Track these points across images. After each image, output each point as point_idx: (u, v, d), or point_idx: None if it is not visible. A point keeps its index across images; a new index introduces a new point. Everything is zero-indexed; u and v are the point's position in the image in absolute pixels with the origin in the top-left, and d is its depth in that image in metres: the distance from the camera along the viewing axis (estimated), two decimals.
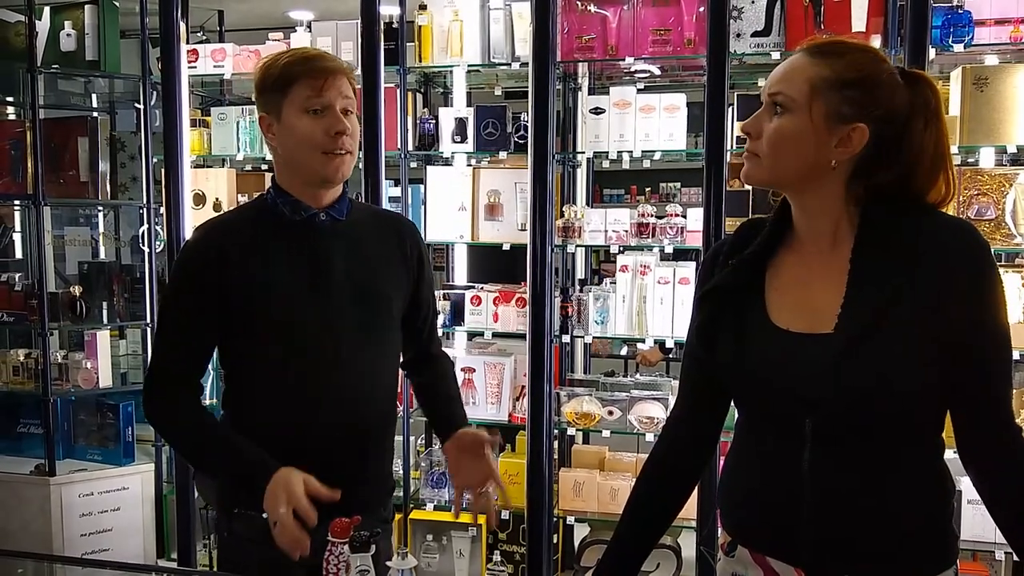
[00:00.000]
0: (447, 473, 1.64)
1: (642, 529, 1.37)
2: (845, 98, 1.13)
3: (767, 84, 1.19)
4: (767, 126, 1.17)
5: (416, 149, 3.09)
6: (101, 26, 3.44)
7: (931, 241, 1.13)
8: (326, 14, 3.35)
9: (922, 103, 1.16)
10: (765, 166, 1.18)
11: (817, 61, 1.15)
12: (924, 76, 1.19)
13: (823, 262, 1.21)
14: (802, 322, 1.20)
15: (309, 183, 1.55)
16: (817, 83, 1.14)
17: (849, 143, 1.15)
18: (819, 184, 1.18)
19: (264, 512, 1.44)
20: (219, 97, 3.67)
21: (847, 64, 1.14)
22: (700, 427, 1.37)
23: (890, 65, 1.18)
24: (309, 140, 1.50)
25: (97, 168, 3.48)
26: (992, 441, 1.16)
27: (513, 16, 2.93)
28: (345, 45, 3.02)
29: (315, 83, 1.48)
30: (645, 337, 2.88)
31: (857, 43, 1.19)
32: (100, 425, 3.51)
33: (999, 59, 2.73)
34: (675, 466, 1.38)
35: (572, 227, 2.89)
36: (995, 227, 2.58)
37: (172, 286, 1.60)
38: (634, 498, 1.38)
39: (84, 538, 3.40)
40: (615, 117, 2.86)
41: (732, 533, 1.30)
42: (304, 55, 1.54)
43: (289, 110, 1.50)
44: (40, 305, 3.32)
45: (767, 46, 2.67)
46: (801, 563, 1.19)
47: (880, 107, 1.14)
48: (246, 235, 1.55)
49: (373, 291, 1.60)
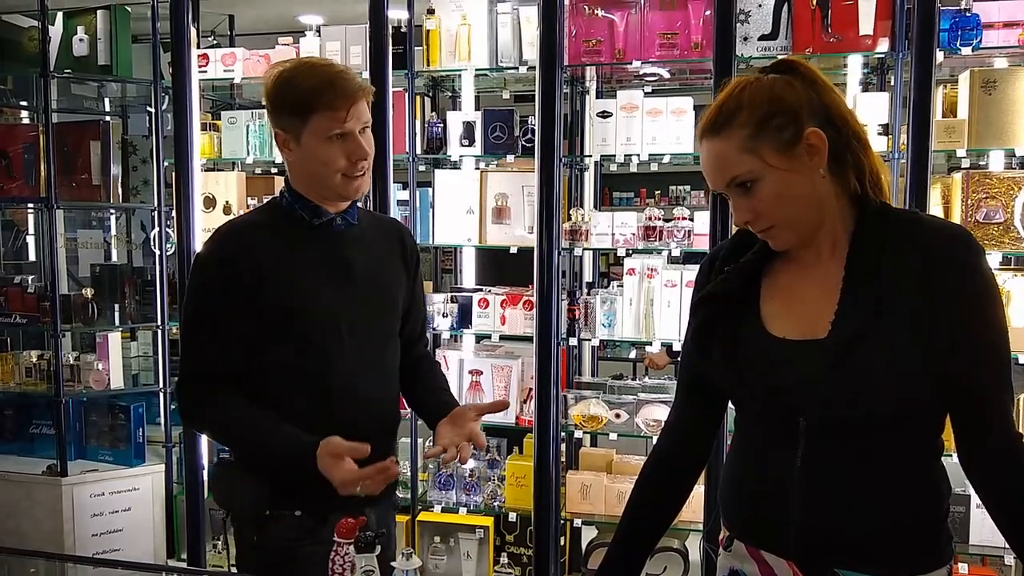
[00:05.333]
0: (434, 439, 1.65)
1: (642, 531, 1.39)
2: (776, 128, 1.16)
3: (712, 179, 1.21)
4: (753, 204, 1.19)
5: (424, 153, 3.11)
6: (113, 31, 3.48)
7: (925, 248, 1.15)
8: (336, 18, 3.37)
9: (812, 81, 1.19)
10: (786, 229, 1.20)
11: (725, 134, 1.17)
12: (793, 61, 1.22)
13: (819, 268, 1.23)
14: (796, 330, 1.22)
15: (326, 197, 1.60)
16: (748, 145, 1.16)
17: (816, 150, 1.17)
18: (826, 202, 1.20)
19: (298, 510, 1.53)
20: (229, 101, 3.70)
21: (746, 112, 1.16)
22: (697, 429, 1.39)
23: (756, 76, 1.20)
24: (331, 165, 1.53)
25: (109, 172, 3.51)
26: (991, 448, 1.16)
27: (521, 20, 2.94)
28: (354, 49, 3.04)
29: (339, 114, 1.50)
30: (652, 340, 2.88)
31: (728, 91, 1.20)
32: (111, 426, 3.54)
33: (1008, 62, 2.72)
34: (674, 467, 1.39)
35: (579, 230, 2.89)
36: (1004, 231, 2.57)
37: (200, 287, 1.59)
38: (633, 500, 1.40)
39: (95, 538, 3.42)
40: (622, 120, 2.87)
41: (729, 528, 1.33)
42: (326, 80, 1.50)
43: (310, 137, 1.52)
44: (52, 307, 3.35)
45: (774, 50, 2.67)
46: (792, 556, 1.22)
47: (800, 105, 1.16)
48: (270, 237, 1.59)
49: (386, 292, 1.68)
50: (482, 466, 3.10)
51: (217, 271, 1.56)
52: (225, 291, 1.54)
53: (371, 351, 1.64)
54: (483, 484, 3.07)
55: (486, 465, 3.11)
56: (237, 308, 1.54)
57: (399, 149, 3.03)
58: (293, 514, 1.56)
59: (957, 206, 2.61)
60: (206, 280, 1.58)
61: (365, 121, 1.55)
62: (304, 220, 1.60)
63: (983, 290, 1.14)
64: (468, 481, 3.06)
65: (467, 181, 3.07)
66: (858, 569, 1.18)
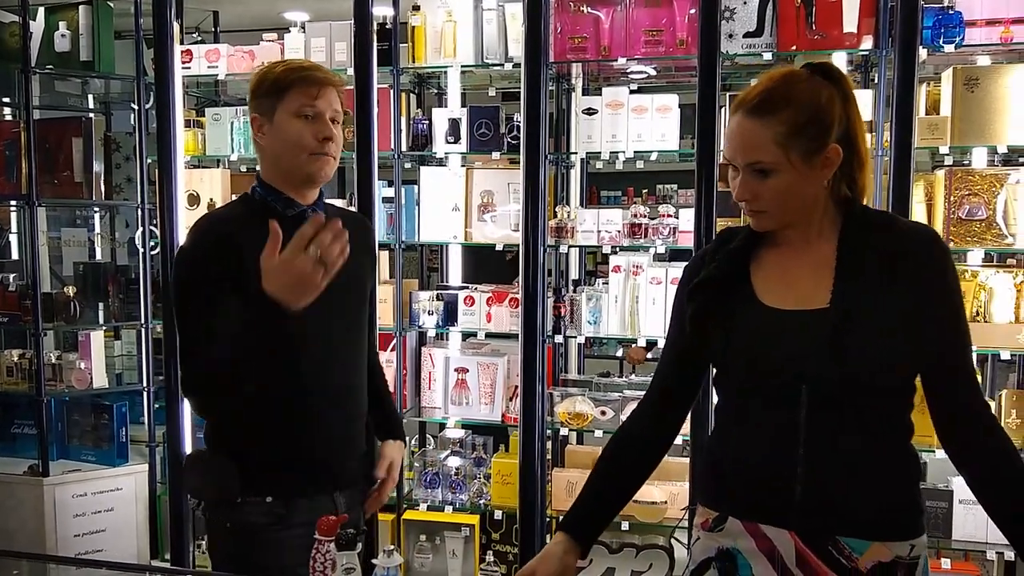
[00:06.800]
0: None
1: (611, 489, 1.48)
2: (809, 136, 1.26)
3: (735, 153, 1.29)
4: (760, 189, 1.28)
5: (410, 149, 3.10)
6: (95, 27, 3.44)
7: (904, 245, 1.27)
8: (321, 15, 3.35)
9: (848, 99, 1.30)
10: (775, 218, 1.31)
11: (767, 121, 1.26)
12: (840, 72, 1.32)
13: (807, 251, 1.33)
14: (791, 301, 1.31)
15: (293, 181, 1.66)
16: (782, 140, 1.25)
17: (830, 163, 1.28)
18: (816, 204, 1.32)
19: (269, 496, 1.59)
20: (214, 98, 3.68)
21: (792, 110, 1.25)
22: (667, 410, 1.48)
23: (807, 75, 1.29)
24: (299, 141, 1.61)
25: (91, 169, 3.48)
26: (968, 421, 1.28)
27: (507, 17, 2.93)
28: (339, 46, 3.03)
29: (310, 91, 1.60)
30: (638, 337, 2.88)
31: (781, 79, 1.29)
32: (94, 425, 3.52)
33: (991, 59, 2.73)
34: (640, 446, 1.49)
35: (565, 227, 2.89)
36: (986, 227, 2.59)
37: (188, 277, 1.61)
38: (597, 473, 1.48)
39: (78, 538, 3.39)
40: (608, 117, 2.87)
41: (719, 508, 1.37)
42: (301, 65, 1.65)
43: (282, 114, 1.61)
44: (34, 306, 3.32)
45: (759, 47, 2.68)
46: (793, 526, 1.28)
47: (834, 122, 1.27)
48: (246, 228, 1.61)
49: (357, 282, 1.73)
50: (468, 464, 3.09)
51: (202, 259, 1.59)
52: (212, 277, 1.57)
53: (342, 339, 1.70)
54: (469, 482, 3.07)
55: (472, 463, 3.11)
56: (224, 292, 1.56)
57: (384, 146, 3.02)
58: (264, 500, 1.61)
59: (940, 203, 2.62)
60: (193, 269, 1.61)
61: (336, 110, 1.64)
62: (277, 211, 1.64)
63: (953, 281, 1.28)
64: (454, 479, 3.05)
65: (453, 178, 3.06)
66: (856, 535, 1.26)
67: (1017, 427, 2.60)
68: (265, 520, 1.61)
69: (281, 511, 1.61)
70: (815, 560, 1.26)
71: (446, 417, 3.11)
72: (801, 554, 1.27)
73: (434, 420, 3.18)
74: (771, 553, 1.29)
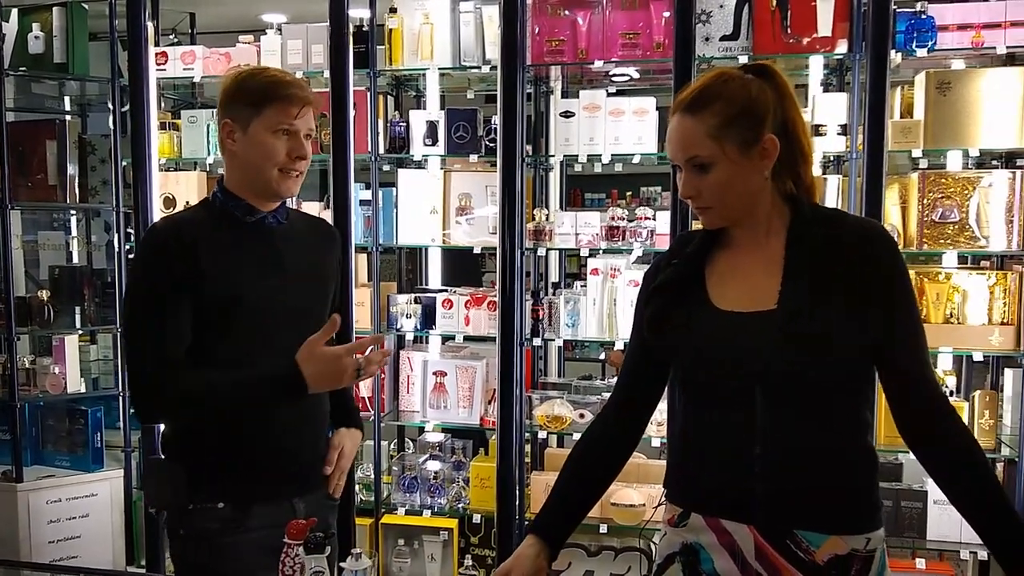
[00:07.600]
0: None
1: (579, 491, 1.50)
2: (742, 127, 1.29)
3: (675, 151, 1.34)
4: (702, 184, 1.32)
5: (387, 152, 3.09)
6: (70, 28, 3.41)
7: (851, 239, 1.30)
8: (298, 17, 3.34)
9: (783, 94, 1.33)
10: (720, 214, 1.35)
11: (700, 116, 1.30)
12: (770, 66, 1.36)
13: (757, 251, 1.36)
14: (745, 303, 1.33)
15: (257, 192, 1.67)
16: (715, 133, 1.29)
17: (767, 154, 1.31)
18: (760, 198, 1.35)
19: (221, 503, 1.59)
20: (190, 100, 3.65)
21: (723, 103, 1.29)
22: (632, 412, 1.50)
23: (740, 73, 1.34)
24: (272, 157, 1.62)
25: (66, 171, 3.44)
26: (924, 407, 1.30)
27: (484, 19, 2.93)
28: (315, 48, 3.01)
29: (291, 110, 1.61)
30: (616, 340, 2.88)
31: (713, 77, 1.33)
32: (69, 431, 3.47)
33: (965, 63, 2.76)
34: (608, 441, 1.51)
35: (543, 230, 2.89)
36: (959, 230, 2.61)
37: (143, 278, 1.62)
38: (565, 476, 1.50)
39: (52, 545, 3.35)
40: (585, 121, 2.87)
41: (683, 504, 1.40)
42: (283, 79, 1.64)
43: (259, 127, 1.61)
44: (7, 310, 3.28)
45: (735, 50, 2.69)
46: (753, 521, 1.31)
47: (767, 113, 1.31)
48: (205, 232, 1.63)
49: (318, 283, 1.75)
50: (447, 468, 3.08)
51: (156, 261, 1.59)
52: (166, 280, 1.57)
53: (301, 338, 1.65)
54: (447, 486, 3.05)
55: (451, 467, 3.10)
56: (179, 294, 1.57)
57: (361, 149, 3.01)
58: (216, 506, 1.60)
59: (913, 206, 2.64)
60: (146, 271, 1.61)
61: (310, 128, 1.66)
62: (237, 218, 1.66)
63: (904, 272, 1.31)
64: (432, 483, 3.04)
65: (431, 181, 3.05)
66: (814, 529, 1.29)
67: (990, 428, 2.62)
68: (217, 526, 1.60)
69: (234, 516, 1.60)
70: (773, 553, 1.30)
71: (425, 421, 3.10)
72: (760, 548, 1.30)
73: (413, 424, 3.17)
74: (731, 547, 1.32)
